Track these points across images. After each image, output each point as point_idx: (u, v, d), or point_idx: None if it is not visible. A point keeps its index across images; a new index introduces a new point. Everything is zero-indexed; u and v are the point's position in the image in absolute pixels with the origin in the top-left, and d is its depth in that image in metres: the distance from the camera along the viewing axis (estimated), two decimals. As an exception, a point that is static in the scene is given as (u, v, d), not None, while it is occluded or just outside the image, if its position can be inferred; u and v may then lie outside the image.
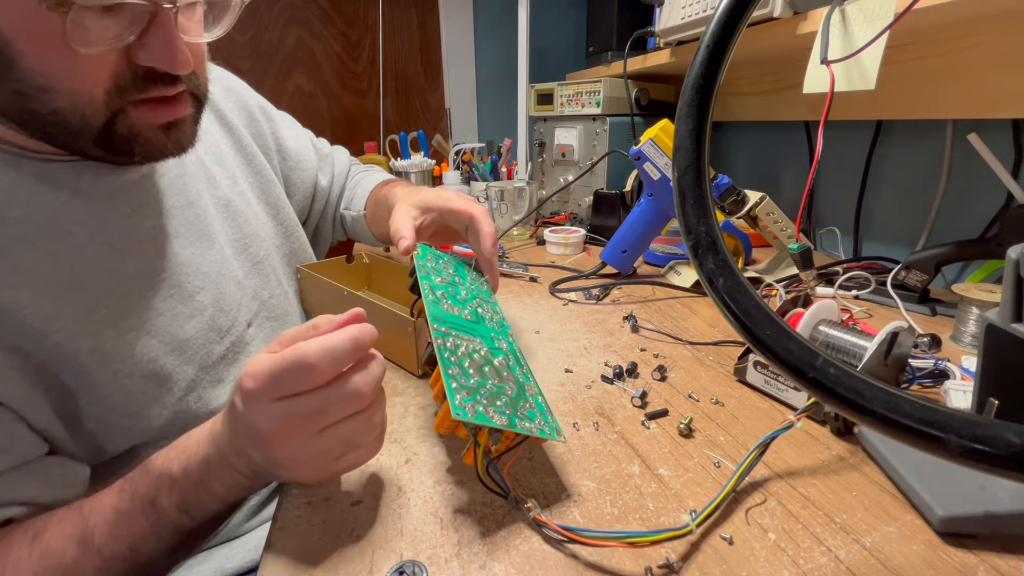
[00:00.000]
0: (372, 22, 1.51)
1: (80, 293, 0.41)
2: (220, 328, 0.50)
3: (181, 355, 0.46)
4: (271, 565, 0.31)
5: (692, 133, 0.22)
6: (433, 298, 0.41)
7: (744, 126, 1.20)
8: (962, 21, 0.63)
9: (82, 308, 0.41)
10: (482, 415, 0.32)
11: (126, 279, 0.44)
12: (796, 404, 0.45)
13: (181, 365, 0.46)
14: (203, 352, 0.48)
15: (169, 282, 0.47)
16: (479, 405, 0.32)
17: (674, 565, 0.30)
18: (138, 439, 0.44)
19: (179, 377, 0.46)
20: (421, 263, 0.46)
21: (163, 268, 0.47)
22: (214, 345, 0.49)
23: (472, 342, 0.39)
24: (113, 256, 0.43)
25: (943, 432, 0.16)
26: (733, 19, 0.22)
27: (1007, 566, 0.30)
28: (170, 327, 0.46)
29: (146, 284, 0.45)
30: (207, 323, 0.49)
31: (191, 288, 0.48)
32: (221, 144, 0.58)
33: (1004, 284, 0.32)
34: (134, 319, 0.44)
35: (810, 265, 0.61)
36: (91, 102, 0.36)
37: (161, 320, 0.45)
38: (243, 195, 0.58)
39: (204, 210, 0.52)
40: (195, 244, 0.50)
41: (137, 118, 0.39)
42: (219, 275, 0.51)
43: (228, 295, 0.52)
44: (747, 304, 0.20)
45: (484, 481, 0.34)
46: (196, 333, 0.48)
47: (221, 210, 0.55)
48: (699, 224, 0.22)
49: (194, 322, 0.48)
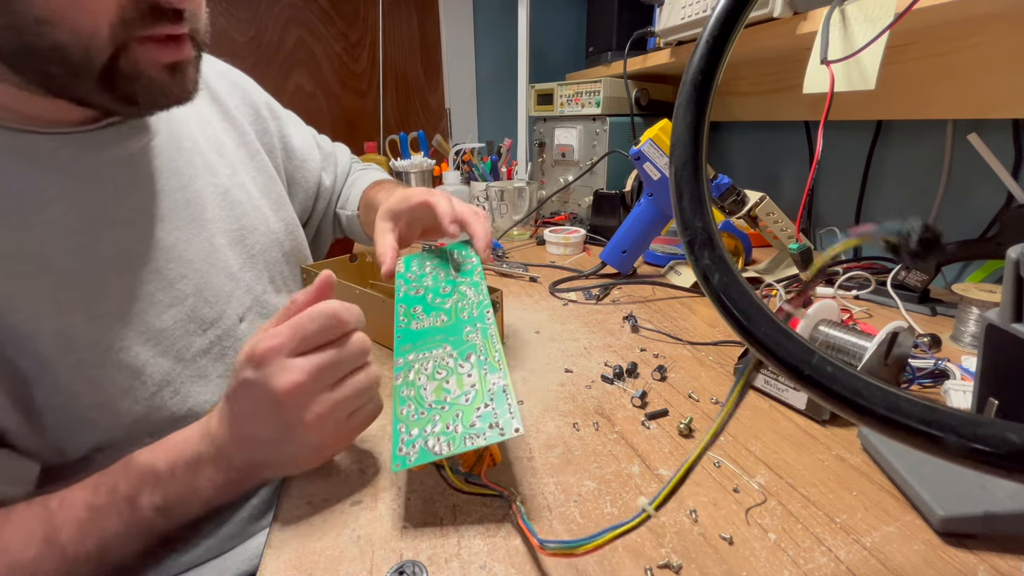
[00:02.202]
0: (372, 22, 1.51)
1: (47, 272, 0.38)
2: (202, 319, 0.48)
3: (156, 346, 0.44)
4: (271, 565, 0.31)
5: (690, 128, 0.22)
6: (404, 324, 0.43)
7: (744, 126, 1.20)
8: (962, 21, 0.63)
9: (48, 288, 0.38)
10: (424, 451, 0.33)
11: (101, 261, 0.41)
12: (796, 404, 0.45)
13: (155, 356, 0.43)
14: (180, 344, 0.45)
15: (149, 267, 0.44)
16: (424, 439, 0.33)
17: (674, 565, 0.30)
18: (105, 436, 0.41)
19: (152, 370, 0.43)
20: (400, 281, 0.48)
21: (143, 252, 0.44)
22: (194, 337, 0.47)
23: (438, 356, 0.39)
24: (88, 235, 0.41)
25: (943, 432, 0.16)
26: (733, 15, 0.22)
27: (1007, 566, 0.30)
28: (146, 315, 0.43)
29: (122, 267, 0.43)
30: (187, 313, 0.46)
31: (172, 275, 0.46)
32: (223, 136, 0.57)
33: (1004, 284, 0.32)
34: (107, 304, 0.41)
35: (810, 265, 0.61)
36: (95, 35, 0.34)
37: (137, 307, 0.43)
38: (243, 187, 0.57)
39: (197, 195, 0.50)
40: (182, 230, 0.48)
41: (142, 55, 0.37)
42: (206, 264, 0.49)
43: (215, 285, 0.49)
44: (742, 301, 0.20)
45: (467, 491, 0.35)
46: (174, 323, 0.45)
47: (218, 198, 0.52)
48: (695, 219, 0.22)
49: (173, 311, 0.45)
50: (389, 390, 0.38)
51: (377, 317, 0.58)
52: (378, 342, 0.60)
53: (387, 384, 0.51)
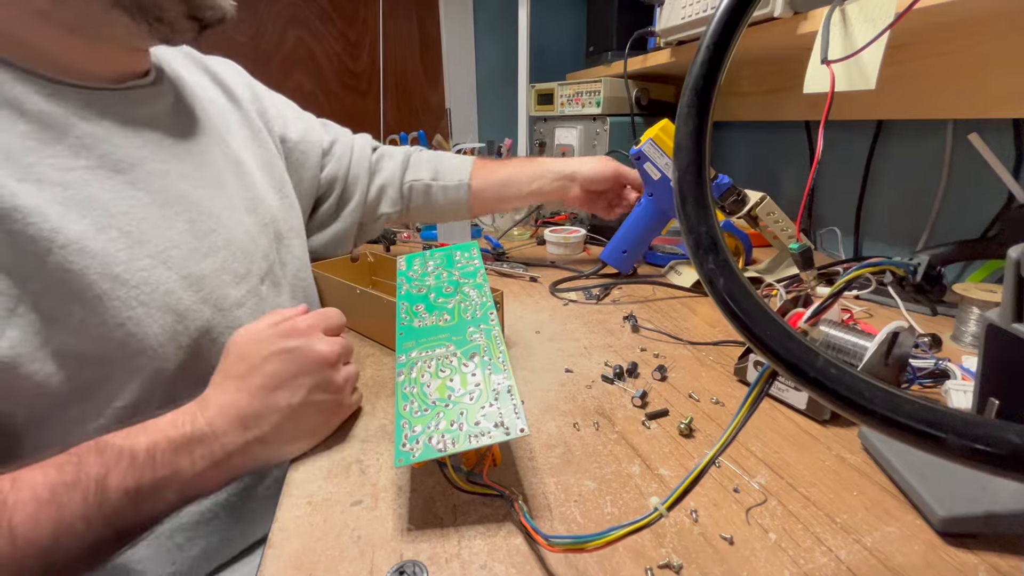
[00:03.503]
0: (372, 22, 1.51)
1: (91, 212, 0.40)
2: (236, 272, 0.49)
3: (198, 292, 0.45)
4: (271, 565, 0.31)
5: (693, 133, 0.22)
6: (407, 321, 0.43)
7: (744, 126, 1.20)
8: (962, 21, 0.63)
9: (92, 225, 0.39)
10: (428, 448, 0.33)
11: (139, 206, 0.43)
12: (797, 404, 0.45)
13: (197, 303, 0.45)
14: (219, 293, 0.47)
15: (183, 217, 0.46)
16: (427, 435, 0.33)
17: (674, 565, 0.30)
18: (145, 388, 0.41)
19: (195, 316, 0.44)
20: (402, 279, 0.48)
21: (175, 202, 0.46)
22: (230, 288, 0.48)
23: (441, 355, 0.39)
24: (125, 182, 0.43)
25: (943, 432, 0.16)
26: (733, 19, 0.22)
27: (1008, 566, 0.30)
28: (187, 260, 0.45)
29: (159, 214, 0.44)
30: (221, 264, 0.48)
31: (204, 227, 0.47)
32: (228, 116, 0.59)
33: (1004, 284, 0.32)
34: (149, 247, 0.42)
35: (810, 265, 0.61)
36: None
37: (177, 252, 0.44)
38: (249, 163, 0.58)
39: (214, 160, 0.52)
40: (205, 189, 0.49)
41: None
42: (232, 221, 0.51)
43: (242, 243, 0.51)
44: (748, 304, 0.20)
45: (468, 490, 0.35)
46: (212, 272, 0.47)
47: (231, 166, 0.55)
48: (699, 224, 0.22)
49: (210, 260, 0.47)
50: (391, 389, 0.38)
51: (378, 317, 0.58)
52: (378, 342, 0.60)
53: (389, 383, 0.51)
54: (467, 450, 0.33)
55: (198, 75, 0.59)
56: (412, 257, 0.51)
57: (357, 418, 0.45)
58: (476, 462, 0.36)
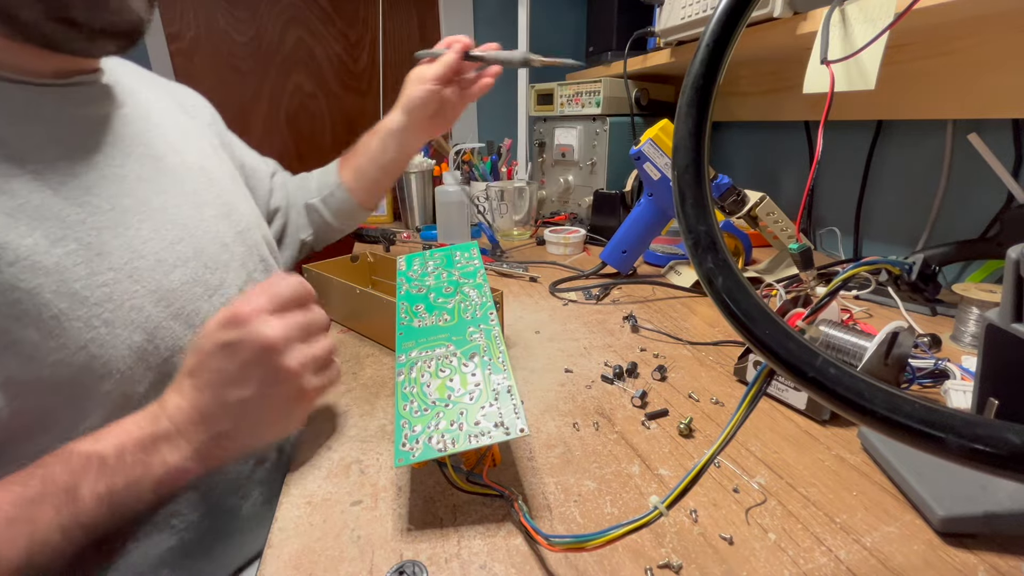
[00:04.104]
0: (372, 22, 1.52)
1: (42, 223, 0.35)
2: (207, 284, 0.46)
3: (168, 307, 0.42)
4: (271, 565, 0.31)
5: (692, 132, 0.22)
6: (407, 321, 0.43)
7: (744, 126, 1.20)
8: (962, 21, 0.63)
9: (44, 239, 0.35)
10: (428, 448, 0.33)
11: (99, 213, 0.39)
12: (796, 404, 0.45)
13: (168, 319, 0.41)
14: (191, 308, 0.43)
15: (147, 225, 0.42)
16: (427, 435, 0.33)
17: (674, 565, 0.30)
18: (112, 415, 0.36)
19: (165, 333, 0.41)
20: (402, 279, 0.48)
21: (138, 210, 0.42)
22: (201, 302, 0.45)
23: (441, 355, 0.39)
24: (79, 188, 0.39)
25: (943, 432, 0.16)
26: (733, 18, 0.22)
27: (1007, 566, 0.30)
28: (154, 272, 0.41)
29: (121, 222, 0.40)
30: (192, 276, 0.44)
31: (170, 236, 0.44)
32: (186, 126, 0.56)
33: (1004, 284, 0.32)
34: (112, 258, 0.39)
35: (810, 265, 0.61)
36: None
37: (143, 263, 0.41)
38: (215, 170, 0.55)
39: (174, 167, 0.48)
40: (169, 194, 0.46)
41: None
42: (199, 230, 0.47)
43: (212, 252, 0.48)
44: (746, 304, 0.20)
45: (468, 490, 0.35)
46: (182, 284, 0.43)
47: (195, 173, 0.51)
48: (699, 223, 0.22)
49: (179, 272, 0.43)
50: (390, 389, 0.38)
51: (378, 317, 0.58)
52: (378, 342, 0.60)
53: (388, 383, 0.51)
54: (467, 450, 0.33)
55: (156, 92, 0.55)
56: (412, 257, 0.52)
57: (357, 418, 0.45)
58: (476, 462, 0.36)
